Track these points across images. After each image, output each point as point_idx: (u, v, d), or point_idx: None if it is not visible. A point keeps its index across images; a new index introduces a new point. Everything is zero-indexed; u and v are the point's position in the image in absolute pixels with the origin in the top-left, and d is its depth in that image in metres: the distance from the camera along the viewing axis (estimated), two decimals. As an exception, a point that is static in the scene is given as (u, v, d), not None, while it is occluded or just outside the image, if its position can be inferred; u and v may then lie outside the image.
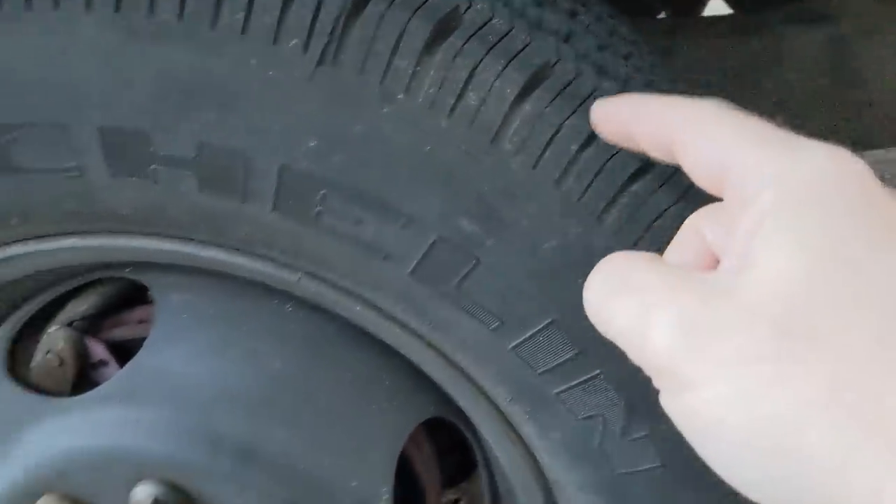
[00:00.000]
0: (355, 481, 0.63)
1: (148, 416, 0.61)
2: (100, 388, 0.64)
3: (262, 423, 0.61)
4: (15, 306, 0.69)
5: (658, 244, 0.53)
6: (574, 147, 0.49)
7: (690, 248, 0.38)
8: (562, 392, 0.55)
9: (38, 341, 0.70)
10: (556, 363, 0.54)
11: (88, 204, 0.54)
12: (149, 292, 0.70)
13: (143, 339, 0.69)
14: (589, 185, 0.50)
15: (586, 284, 0.37)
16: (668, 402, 0.33)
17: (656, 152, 0.40)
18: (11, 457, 0.66)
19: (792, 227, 0.31)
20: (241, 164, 0.50)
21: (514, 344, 0.54)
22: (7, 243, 0.60)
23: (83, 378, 0.69)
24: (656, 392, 0.35)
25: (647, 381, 0.35)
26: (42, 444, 0.64)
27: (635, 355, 0.34)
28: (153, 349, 0.63)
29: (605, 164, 0.50)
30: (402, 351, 0.62)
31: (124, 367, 0.63)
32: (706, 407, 0.31)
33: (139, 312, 0.71)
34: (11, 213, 0.56)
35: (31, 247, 0.60)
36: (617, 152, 0.50)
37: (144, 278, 0.66)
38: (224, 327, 0.64)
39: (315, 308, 0.63)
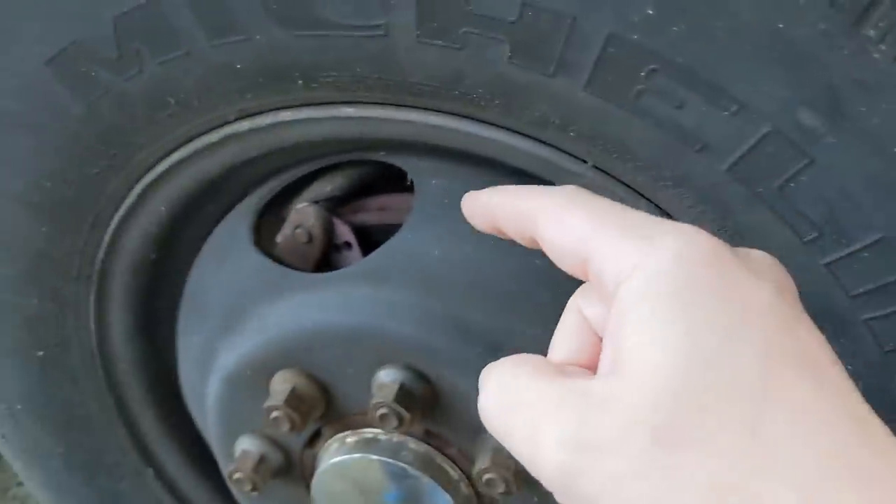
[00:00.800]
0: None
1: (401, 298, 0.60)
2: (353, 266, 0.63)
3: (517, 318, 0.59)
4: (264, 178, 0.69)
5: None
6: (946, 39, 0.43)
7: (576, 333, 0.38)
8: (873, 319, 0.50)
9: (279, 217, 0.70)
10: (876, 286, 0.49)
11: (382, 69, 0.52)
12: (387, 179, 0.69)
13: (385, 225, 0.68)
14: (956, 86, 0.44)
15: (481, 390, 0.37)
16: None
17: (524, 242, 0.40)
18: (251, 329, 0.66)
19: (651, 325, 0.32)
20: (565, 30, 0.46)
21: (829, 260, 0.49)
22: (279, 108, 0.59)
23: (324, 258, 0.68)
24: None
25: None
26: (286, 319, 0.64)
27: (533, 471, 0.34)
28: (410, 232, 0.61)
29: (979, 63, 0.43)
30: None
31: (380, 248, 0.61)
32: None
33: (382, 199, 0.70)
34: (299, 73, 0.54)
35: (303, 114, 0.58)
36: None
37: (401, 162, 0.64)
38: (484, 218, 0.61)
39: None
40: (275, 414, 0.62)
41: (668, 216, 0.53)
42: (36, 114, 0.61)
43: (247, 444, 0.69)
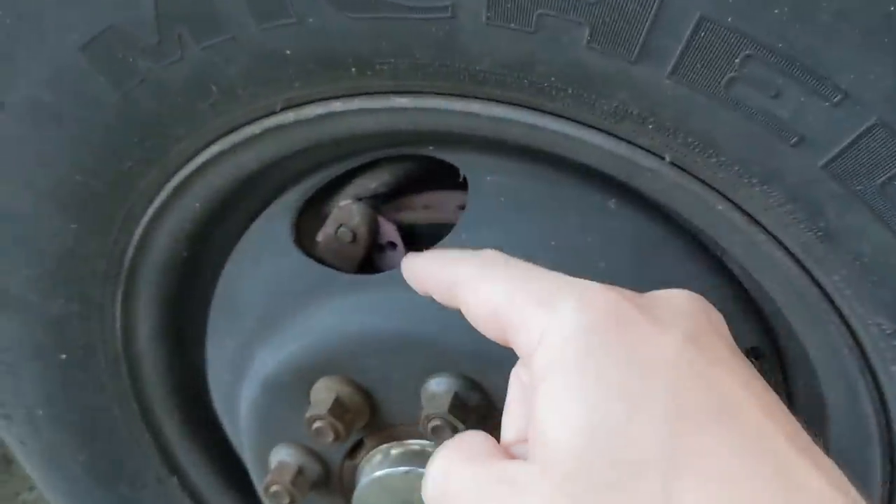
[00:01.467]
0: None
1: (455, 303, 0.56)
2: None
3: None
4: (306, 174, 0.65)
5: None
6: None
7: (520, 405, 0.38)
8: (979, 330, 0.46)
9: (320, 214, 0.66)
10: (985, 293, 0.45)
11: (444, 55, 0.48)
12: (433, 175, 0.65)
13: (431, 224, 0.64)
14: None
15: (425, 476, 0.37)
16: None
17: (452, 308, 0.41)
18: (291, 333, 0.62)
19: (556, 402, 0.31)
20: (651, 11, 0.42)
21: (932, 264, 0.45)
22: (329, 98, 0.55)
23: (367, 258, 0.65)
24: None
25: None
26: (329, 322, 0.60)
27: None
28: (464, 233, 0.57)
29: None
30: (746, 264, 0.54)
31: (432, 249, 0.57)
32: None
33: (427, 196, 0.66)
34: (353, 60, 0.51)
35: (354, 104, 0.55)
36: None
37: (452, 157, 0.60)
38: (543, 217, 0.57)
39: (645, 207, 0.56)
40: (318, 424, 0.58)
41: (750, 217, 0.50)
42: (68, 103, 0.58)
43: (284, 455, 0.66)
